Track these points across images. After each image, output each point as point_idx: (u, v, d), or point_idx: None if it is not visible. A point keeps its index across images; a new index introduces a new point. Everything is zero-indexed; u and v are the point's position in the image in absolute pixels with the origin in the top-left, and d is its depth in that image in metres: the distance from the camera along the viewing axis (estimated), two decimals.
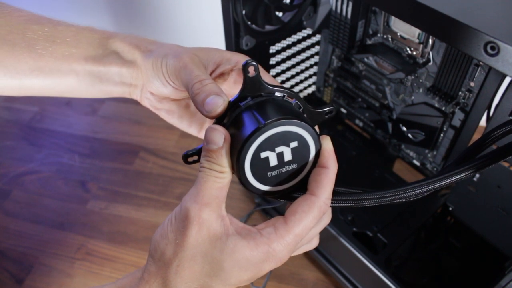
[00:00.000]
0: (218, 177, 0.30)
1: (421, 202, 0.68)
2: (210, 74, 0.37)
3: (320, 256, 0.69)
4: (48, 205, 0.86)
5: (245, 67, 0.30)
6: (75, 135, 1.00)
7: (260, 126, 0.28)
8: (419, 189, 0.31)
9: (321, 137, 0.31)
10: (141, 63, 0.37)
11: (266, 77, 0.36)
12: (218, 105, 0.31)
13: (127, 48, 0.38)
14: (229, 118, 0.31)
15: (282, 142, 0.30)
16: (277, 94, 0.32)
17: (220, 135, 0.29)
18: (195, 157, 0.33)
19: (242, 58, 0.38)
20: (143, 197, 0.86)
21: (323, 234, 0.32)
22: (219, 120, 0.32)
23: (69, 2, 1.07)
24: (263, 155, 0.29)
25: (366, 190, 0.33)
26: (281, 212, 0.74)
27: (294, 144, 0.30)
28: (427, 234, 0.68)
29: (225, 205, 0.31)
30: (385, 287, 0.59)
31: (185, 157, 0.33)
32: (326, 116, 0.33)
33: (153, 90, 0.38)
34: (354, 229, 0.65)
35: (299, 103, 0.32)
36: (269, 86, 0.31)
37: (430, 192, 0.32)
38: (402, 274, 0.62)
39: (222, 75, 0.39)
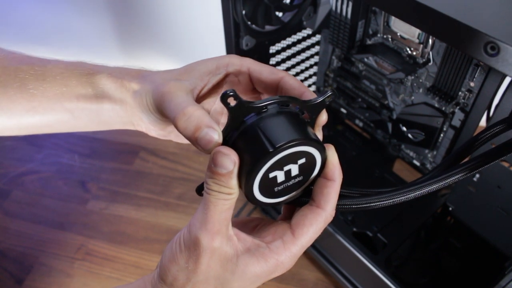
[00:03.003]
0: (226, 199, 0.29)
1: (421, 202, 0.68)
2: (201, 91, 0.36)
3: (320, 256, 0.69)
4: (48, 205, 0.86)
5: (223, 99, 0.28)
6: (75, 135, 1.00)
7: (270, 150, 0.28)
8: (423, 190, 0.32)
9: (325, 146, 0.31)
10: (130, 102, 0.36)
11: (265, 69, 0.35)
12: (213, 141, 0.29)
13: (113, 86, 0.36)
14: (232, 135, 0.30)
15: (291, 161, 0.29)
16: (273, 106, 0.30)
17: (231, 160, 0.28)
18: None
19: (228, 59, 0.36)
20: (143, 197, 0.86)
21: (323, 234, 0.32)
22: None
23: (69, 3, 1.07)
24: (272, 175, 0.29)
25: (368, 192, 0.33)
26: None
27: (302, 161, 0.30)
28: (427, 234, 0.68)
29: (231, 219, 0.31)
30: (385, 287, 0.59)
31: (199, 190, 0.32)
32: (327, 102, 0.32)
33: (151, 124, 0.37)
34: (354, 229, 0.65)
35: (296, 104, 0.31)
36: (256, 105, 0.29)
37: (432, 191, 0.32)
38: (402, 274, 0.62)
39: (217, 86, 0.37)
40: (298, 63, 0.74)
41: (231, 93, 0.28)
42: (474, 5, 0.33)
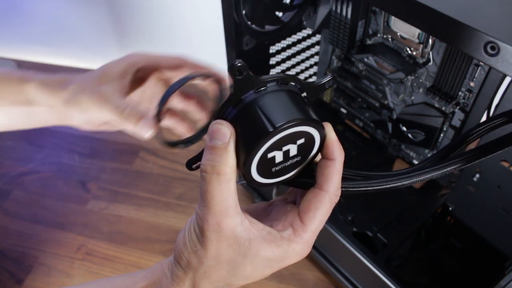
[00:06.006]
0: (222, 182, 0.28)
1: (421, 202, 0.68)
2: (123, 91, 0.43)
3: (320, 256, 0.69)
4: (48, 205, 0.86)
5: (231, 70, 0.27)
6: (75, 135, 1.00)
7: (270, 130, 0.27)
8: (428, 174, 0.32)
9: (323, 124, 0.30)
10: (61, 108, 0.43)
11: (162, 61, 0.44)
12: (146, 130, 0.38)
13: (42, 94, 0.43)
14: (230, 114, 0.29)
15: (290, 141, 0.29)
16: (272, 84, 0.29)
17: (226, 130, 0.28)
18: (199, 163, 0.31)
19: (133, 59, 0.44)
20: (143, 197, 0.86)
21: (323, 234, 0.32)
22: (218, 116, 0.30)
23: (68, 1, 1.07)
24: (270, 155, 0.29)
25: (375, 174, 0.32)
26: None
27: (301, 141, 0.29)
28: (427, 234, 0.68)
29: (239, 204, 0.30)
30: (385, 287, 0.59)
31: (189, 164, 0.32)
32: (327, 87, 0.32)
33: (84, 123, 0.44)
34: (354, 229, 0.65)
35: (297, 84, 0.31)
36: (260, 79, 0.28)
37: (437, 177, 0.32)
38: (402, 274, 0.62)
39: (134, 83, 0.44)
40: (298, 63, 0.74)
41: (239, 64, 0.27)
42: (474, 5, 0.33)
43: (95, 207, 0.85)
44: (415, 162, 0.71)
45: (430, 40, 0.57)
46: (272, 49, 0.67)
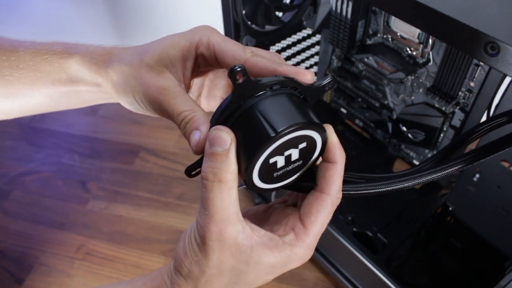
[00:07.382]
0: (224, 189, 0.27)
1: (421, 202, 0.68)
2: (183, 78, 0.35)
3: (320, 256, 0.69)
4: (48, 205, 0.86)
5: (232, 74, 0.26)
6: (75, 135, 1.00)
7: (272, 135, 0.27)
8: (429, 176, 0.32)
9: (324, 126, 0.30)
10: (108, 88, 0.35)
11: (228, 52, 0.33)
12: (195, 144, 0.29)
13: (87, 71, 0.35)
14: (230, 119, 0.29)
15: (292, 145, 0.29)
16: (272, 87, 0.29)
17: (226, 136, 0.27)
18: (199, 169, 0.30)
19: (198, 38, 0.34)
20: (143, 197, 0.86)
21: (323, 234, 0.32)
22: (218, 122, 0.29)
23: (68, 1, 1.07)
24: (272, 160, 0.28)
25: (376, 176, 0.32)
26: None
27: (302, 145, 0.29)
28: (427, 234, 0.68)
29: (240, 210, 0.29)
30: (385, 287, 0.59)
31: (188, 171, 0.31)
32: (327, 89, 0.31)
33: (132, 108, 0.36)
34: (354, 229, 0.65)
35: (296, 87, 0.30)
36: (261, 83, 0.28)
37: (436, 179, 0.32)
38: (402, 274, 0.62)
39: (196, 64, 0.35)
40: (298, 63, 0.74)
41: (239, 69, 0.27)
42: (474, 5, 0.33)
43: (95, 207, 0.85)
44: (415, 162, 0.71)
45: (430, 40, 0.57)
46: (272, 49, 0.67)
